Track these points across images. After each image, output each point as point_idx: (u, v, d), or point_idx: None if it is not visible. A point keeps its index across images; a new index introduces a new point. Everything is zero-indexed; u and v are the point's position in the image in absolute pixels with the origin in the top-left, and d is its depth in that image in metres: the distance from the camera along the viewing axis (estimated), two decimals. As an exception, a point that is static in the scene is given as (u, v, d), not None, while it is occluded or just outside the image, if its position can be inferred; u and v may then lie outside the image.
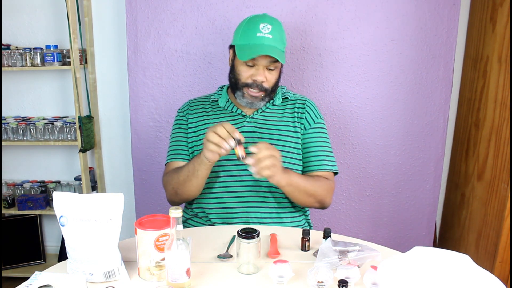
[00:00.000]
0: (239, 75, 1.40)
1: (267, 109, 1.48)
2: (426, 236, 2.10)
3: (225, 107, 1.49)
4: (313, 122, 1.47)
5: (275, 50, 1.35)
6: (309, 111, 1.48)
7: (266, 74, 1.38)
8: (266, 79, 1.39)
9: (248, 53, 1.35)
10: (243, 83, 1.40)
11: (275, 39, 1.37)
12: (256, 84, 1.38)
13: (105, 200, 1.00)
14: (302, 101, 1.50)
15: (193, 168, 1.32)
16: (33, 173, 2.44)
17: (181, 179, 1.37)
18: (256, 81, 1.38)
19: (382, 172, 2.02)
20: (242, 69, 1.39)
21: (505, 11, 1.78)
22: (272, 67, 1.38)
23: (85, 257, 1.01)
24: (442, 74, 1.92)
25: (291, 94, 1.53)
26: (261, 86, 1.39)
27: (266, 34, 1.36)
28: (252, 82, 1.38)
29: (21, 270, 2.36)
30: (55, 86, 2.34)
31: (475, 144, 2.00)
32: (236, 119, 1.46)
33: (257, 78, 1.37)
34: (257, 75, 1.37)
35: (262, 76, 1.38)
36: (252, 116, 1.46)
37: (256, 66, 1.38)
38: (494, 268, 1.80)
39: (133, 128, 2.03)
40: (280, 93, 1.51)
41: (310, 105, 1.50)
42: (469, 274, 0.92)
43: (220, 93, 1.54)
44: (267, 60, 1.36)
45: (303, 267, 1.11)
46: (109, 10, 2.18)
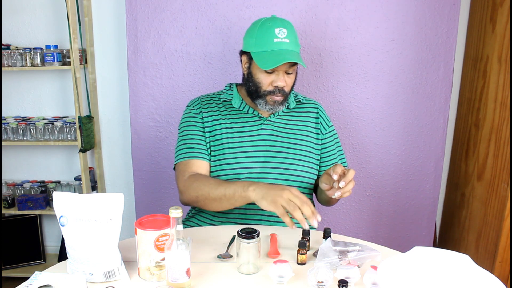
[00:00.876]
0: (259, 83, 1.38)
1: (283, 112, 1.48)
2: (426, 236, 2.10)
3: (240, 108, 1.46)
4: (327, 126, 1.52)
5: (294, 55, 1.34)
6: (323, 116, 1.52)
7: (286, 79, 1.38)
8: (286, 84, 1.38)
9: (270, 61, 1.32)
10: (265, 91, 1.38)
11: (292, 43, 1.36)
12: (278, 90, 1.38)
13: (105, 200, 1.00)
14: (315, 106, 1.53)
15: (233, 196, 1.24)
16: (33, 173, 2.44)
17: (211, 196, 1.28)
18: (278, 87, 1.37)
19: (382, 172, 2.02)
20: (262, 77, 1.37)
21: (505, 11, 1.78)
22: (291, 70, 1.38)
23: (85, 257, 1.01)
24: (442, 74, 1.92)
25: (302, 98, 1.54)
26: (283, 91, 1.38)
27: (283, 39, 1.34)
28: (274, 89, 1.37)
29: (21, 270, 2.36)
30: (55, 86, 2.34)
31: (475, 144, 2.00)
32: (254, 121, 1.45)
33: (278, 84, 1.36)
34: (277, 81, 1.36)
35: (283, 82, 1.37)
36: (269, 119, 1.46)
37: (276, 72, 1.36)
38: (494, 268, 1.80)
39: (133, 128, 2.03)
40: (292, 96, 1.51)
41: (322, 109, 1.54)
42: (469, 274, 0.92)
43: (231, 93, 1.50)
44: (287, 65, 1.35)
45: (303, 267, 1.11)
46: (109, 10, 2.18)
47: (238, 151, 1.41)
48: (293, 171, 1.41)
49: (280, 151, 1.42)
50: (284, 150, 1.42)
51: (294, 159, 1.42)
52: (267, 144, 1.42)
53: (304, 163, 1.42)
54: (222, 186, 1.27)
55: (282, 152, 1.42)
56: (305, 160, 1.43)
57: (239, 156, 1.40)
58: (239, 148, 1.41)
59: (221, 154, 1.41)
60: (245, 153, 1.41)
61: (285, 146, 1.43)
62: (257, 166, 1.40)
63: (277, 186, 1.19)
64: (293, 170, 1.41)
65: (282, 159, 1.41)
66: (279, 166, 1.41)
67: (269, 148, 1.42)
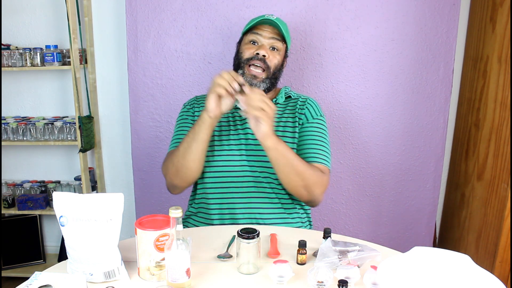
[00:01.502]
0: (241, 53, 1.42)
1: None
2: (426, 236, 2.10)
3: None
4: (311, 117, 1.45)
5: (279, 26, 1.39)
6: (309, 108, 1.47)
7: (269, 53, 1.40)
8: (269, 57, 1.39)
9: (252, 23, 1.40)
10: (245, 60, 1.40)
11: (280, 22, 1.41)
12: (258, 58, 1.38)
13: (105, 200, 1.00)
14: (304, 99, 1.51)
15: (193, 132, 1.31)
16: (33, 173, 2.44)
17: (181, 150, 1.34)
18: (258, 54, 1.38)
19: (382, 172, 2.02)
20: (246, 47, 1.42)
21: (505, 11, 1.78)
22: (276, 46, 1.40)
23: (85, 257, 1.01)
24: (442, 74, 1.92)
25: (294, 94, 1.53)
26: (263, 61, 1.38)
27: (270, 17, 1.41)
28: (254, 56, 1.39)
29: (21, 270, 2.36)
30: (55, 86, 2.34)
31: (475, 144, 2.00)
32: (240, 115, 1.46)
33: (259, 51, 1.38)
34: (259, 49, 1.38)
35: (264, 51, 1.38)
36: None
37: (260, 44, 1.40)
38: (494, 268, 1.80)
39: (133, 128, 2.03)
40: (283, 92, 1.51)
41: (311, 102, 1.50)
42: (469, 274, 0.92)
43: None
44: (270, 37, 1.40)
45: (303, 267, 1.11)
46: (109, 10, 2.18)
47: (223, 144, 1.42)
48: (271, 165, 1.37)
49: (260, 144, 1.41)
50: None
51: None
52: (250, 137, 1.42)
53: None
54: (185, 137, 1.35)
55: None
56: None
57: (224, 149, 1.42)
58: (224, 141, 1.43)
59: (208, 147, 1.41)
60: (229, 146, 1.42)
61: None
62: (241, 160, 1.41)
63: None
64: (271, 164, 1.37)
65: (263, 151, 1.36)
66: (260, 159, 1.41)
67: (254, 142, 1.42)
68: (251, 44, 1.42)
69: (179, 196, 1.65)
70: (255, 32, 1.41)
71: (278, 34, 1.41)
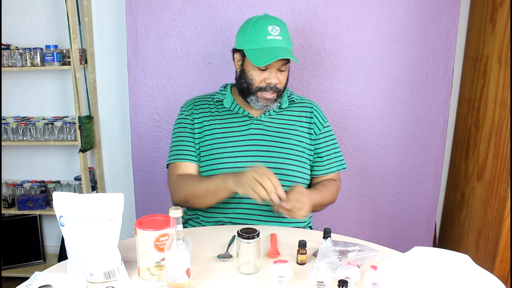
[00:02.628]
0: (252, 80, 1.39)
1: (274, 112, 1.47)
2: (426, 236, 2.10)
3: (231, 108, 1.47)
4: (322, 126, 1.49)
5: (287, 52, 1.35)
6: (317, 116, 1.50)
7: (279, 76, 1.38)
8: (279, 81, 1.39)
9: (263, 58, 1.33)
10: (257, 88, 1.39)
11: (285, 41, 1.37)
12: (271, 87, 1.38)
13: (105, 200, 1.00)
14: (310, 105, 1.51)
15: (215, 190, 1.31)
16: (33, 173, 2.44)
17: (197, 193, 1.34)
18: (271, 84, 1.37)
19: (382, 172, 2.02)
20: (255, 74, 1.38)
21: (505, 11, 1.78)
22: (284, 68, 1.39)
23: (85, 257, 1.01)
24: (442, 74, 1.92)
25: (296, 97, 1.52)
26: (276, 88, 1.38)
27: (276, 36, 1.35)
28: (266, 86, 1.38)
29: (21, 270, 2.36)
30: (55, 86, 2.34)
31: (475, 144, 2.00)
32: (243, 121, 1.45)
33: (271, 81, 1.37)
34: (271, 78, 1.37)
35: (276, 79, 1.37)
36: (260, 118, 1.45)
37: (269, 70, 1.37)
38: (494, 268, 1.80)
39: (133, 128, 2.03)
40: (286, 96, 1.50)
41: (317, 109, 1.52)
42: (469, 274, 0.92)
43: (224, 93, 1.51)
44: (280, 63, 1.36)
45: (303, 267, 1.11)
46: (109, 10, 2.18)
47: (227, 151, 1.41)
48: (283, 171, 1.40)
49: (270, 150, 1.41)
50: (274, 149, 1.42)
51: (284, 159, 1.41)
52: (257, 144, 1.42)
53: (295, 162, 1.41)
54: (205, 182, 1.33)
55: (272, 152, 1.41)
56: (296, 160, 1.42)
57: (228, 156, 1.41)
58: (228, 148, 1.41)
59: (211, 154, 1.42)
60: (234, 153, 1.41)
61: (275, 146, 1.42)
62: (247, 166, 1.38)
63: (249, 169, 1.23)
64: (283, 169, 1.40)
65: (272, 158, 1.40)
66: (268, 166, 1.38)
67: (259, 148, 1.41)
68: (259, 69, 1.37)
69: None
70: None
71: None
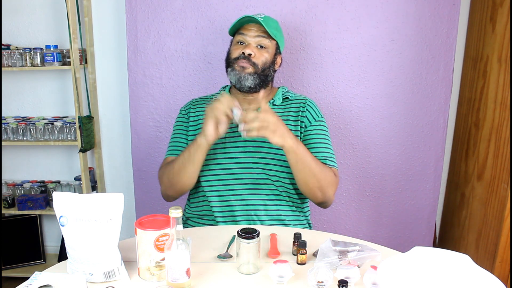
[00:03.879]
0: (231, 54, 1.46)
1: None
2: (426, 236, 2.10)
3: None
4: (313, 120, 1.47)
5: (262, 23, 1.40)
6: (310, 110, 1.49)
7: (256, 51, 1.42)
8: (255, 55, 1.41)
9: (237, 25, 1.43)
10: (233, 59, 1.44)
11: (266, 21, 1.42)
12: (244, 56, 1.41)
13: (105, 200, 1.00)
14: (303, 101, 1.51)
15: (189, 154, 1.35)
16: (33, 173, 2.44)
17: (175, 168, 1.39)
18: (244, 53, 1.41)
19: (382, 172, 2.02)
20: (234, 48, 1.46)
21: (505, 11, 1.78)
22: (263, 44, 1.43)
23: (85, 257, 1.01)
24: (442, 74, 1.92)
25: (291, 94, 1.53)
26: (249, 59, 1.41)
27: (257, 17, 1.43)
28: (240, 55, 1.42)
29: (21, 270, 2.36)
30: (55, 86, 2.34)
31: (475, 144, 2.00)
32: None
33: (244, 50, 1.41)
34: (245, 49, 1.42)
35: (250, 49, 1.41)
36: None
37: (247, 44, 1.43)
38: (494, 268, 1.80)
39: (133, 128, 2.03)
40: (280, 93, 1.52)
41: (310, 104, 1.51)
42: (469, 274, 0.92)
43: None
44: (255, 35, 1.42)
45: (303, 267, 1.11)
46: (109, 10, 2.19)
47: (218, 147, 1.43)
48: (271, 166, 1.41)
49: (259, 145, 1.43)
50: (263, 145, 1.42)
51: (272, 154, 1.42)
52: (247, 139, 1.43)
53: (281, 157, 1.40)
54: (180, 156, 1.40)
55: (261, 147, 1.42)
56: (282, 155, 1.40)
57: (219, 152, 1.43)
58: (219, 144, 1.43)
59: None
60: (225, 149, 1.43)
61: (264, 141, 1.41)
62: (239, 162, 1.42)
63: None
64: (271, 165, 1.41)
65: (262, 153, 1.42)
66: (259, 161, 1.42)
67: (249, 144, 1.43)
68: (239, 44, 1.45)
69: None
70: (241, 32, 1.45)
71: (264, 32, 1.43)
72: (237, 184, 1.42)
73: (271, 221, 1.42)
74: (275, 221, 1.42)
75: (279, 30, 1.49)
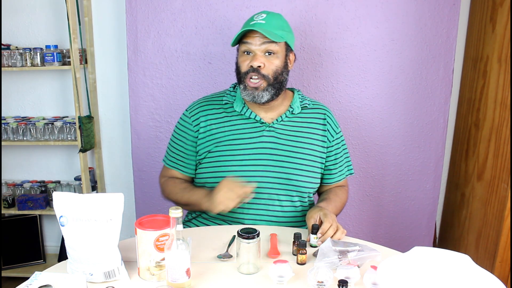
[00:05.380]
0: (240, 67, 1.37)
1: (286, 117, 1.43)
2: (426, 236, 2.10)
3: (242, 112, 1.42)
4: (335, 133, 1.49)
5: (264, 31, 1.30)
6: (330, 123, 1.48)
7: (264, 60, 1.33)
8: (264, 65, 1.33)
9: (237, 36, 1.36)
10: (243, 74, 1.36)
11: (268, 24, 1.33)
12: (253, 69, 1.33)
13: (105, 200, 1.00)
14: (323, 112, 1.49)
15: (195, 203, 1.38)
16: (33, 173, 2.44)
17: (181, 201, 1.42)
18: (253, 66, 1.33)
19: (382, 172, 2.02)
20: (241, 60, 1.37)
21: (505, 11, 1.78)
22: (272, 50, 1.33)
23: (85, 257, 1.01)
24: (442, 74, 1.92)
25: (309, 102, 1.49)
26: (258, 72, 1.32)
27: (259, 20, 1.34)
28: (249, 69, 1.34)
29: (21, 270, 2.36)
30: (55, 86, 2.34)
31: (475, 144, 2.00)
32: (255, 127, 1.41)
33: (252, 63, 1.32)
34: (253, 61, 1.33)
35: (258, 61, 1.32)
36: (272, 125, 1.41)
37: (253, 53, 1.34)
38: (494, 268, 1.80)
39: (133, 128, 2.03)
40: (298, 100, 1.46)
41: (330, 115, 1.50)
42: (469, 274, 0.92)
43: (234, 95, 1.47)
44: (261, 43, 1.32)
45: (303, 267, 1.11)
46: (109, 10, 2.18)
47: (237, 159, 1.38)
48: (294, 181, 1.39)
49: (282, 159, 1.39)
50: (286, 159, 1.39)
51: (296, 169, 1.39)
52: (268, 152, 1.39)
53: (306, 173, 1.40)
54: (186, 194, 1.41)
55: (284, 161, 1.39)
56: (308, 169, 1.41)
57: (238, 164, 1.38)
58: (238, 156, 1.38)
59: (218, 161, 1.39)
60: (244, 161, 1.38)
61: (288, 155, 1.39)
62: (257, 175, 1.37)
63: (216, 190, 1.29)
64: (294, 180, 1.39)
65: (283, 168, 1.38)
66: (279, 176, 1.38)
67: (270, 157, 1.39)
68: (246, 54, 1.36)
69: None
70: (245, 41, 1.34)
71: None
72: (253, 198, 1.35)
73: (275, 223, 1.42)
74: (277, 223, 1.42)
75: (285, 27, 1.39)
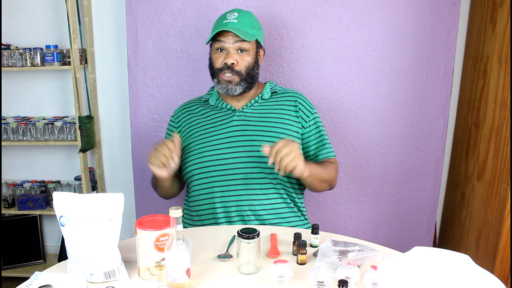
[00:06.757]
0: (213, 63, 1.46)
1: (256, 103, 1.50)
2: (426, 236, 2.10)
3: (215, 105, 1.53)
4: (307, 117, 1.50)
5: (237, 30, 1.39)
6: (302, 108, 1.51)
7: (237, 57, 1.42)
8: (237, 62, 1.42)
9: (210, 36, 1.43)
10: (217, 69, 1.44)
11: (241, 23, 1.42)
12: (227, 67, 1.42)
13: (105, 200, 1.00)
14: (293, 96, 1.52)
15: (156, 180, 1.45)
16: (33, 173, 2.44)
17: (153, 185, 1.55)
18: (226, 63, 1.42)
19: (382, 172, 2.02)
20: (215, 57, 1.45)
21: (505, 11, 1.78)
22: (243, 48, 1.42)
23: (85, 257, 1.01)
24: (442, 74, 1.92)
25: (280, 88, 1.55)
26: (232, 68, 1.42)
27: (232, 20, 1.42)
28: (223, 66, 1.42)
29: (21, 270, 2.36)
30: (55, 86, 2.34)
31: (475, 144, 2.00)
32: (226, 114, 1.49)
33: (226, 60, 1.42)
34: (226, 58, 1.42)
35: (231, 58, 1.41)
36: (242, 110, 1.49)
37: (226, 51, 1.43)
38: (494, 268, 1.80)
39: (133, 128, 2.03)
40: (268, 87, 1.53)
41: (301, 100, 1.52)
42: (469, 274, 0.92)
43: (211, 93, 1.58)
44: (233, 41, 1.41)
45: (303, 267, 1.11)
46: (109, 10, 2.18)
47: (210, 145, 1.45)
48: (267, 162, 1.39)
49: (253, 139, 1.43)
50: (258, 139, 1.43)
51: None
52: (238, 134, 1.44)
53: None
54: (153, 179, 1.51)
55: (255, 141, 1.42)
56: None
57: (212, 149, 1.44)
58: (210, 142, 1.45)
59: (194, 150, 1.46)
60: (217, 145, 1.44)
61: (258, 135, 1.44)
62: (231, 157, 1.43)
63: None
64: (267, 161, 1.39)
65: (255, 147, 1.41)
66: (251, 155, 1.42)
67: (241, 138, 1.44)
68: (219, 51, 1.45)
69: (180, 196, 1.66)
70: (219, 39, 1.43)
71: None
72: (229, 180, 1.42)
73: (267, 215, 1.42)
74: (271, 215, 1.42)
75: (256, 25, 1.48)
